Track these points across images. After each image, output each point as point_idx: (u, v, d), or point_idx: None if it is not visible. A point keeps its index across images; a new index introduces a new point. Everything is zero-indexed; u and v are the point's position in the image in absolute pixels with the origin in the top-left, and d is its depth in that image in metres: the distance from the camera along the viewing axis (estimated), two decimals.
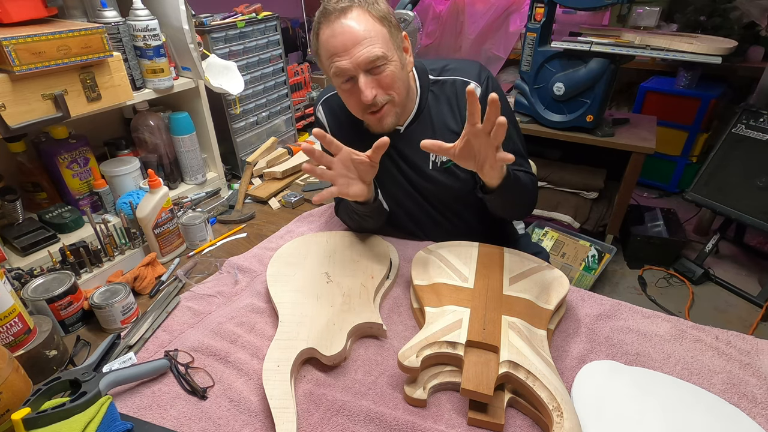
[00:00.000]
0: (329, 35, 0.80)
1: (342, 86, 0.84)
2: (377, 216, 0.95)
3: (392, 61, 0.82)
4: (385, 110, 0.86)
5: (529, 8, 1.83)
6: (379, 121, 0.87)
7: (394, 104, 0.86)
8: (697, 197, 1.95)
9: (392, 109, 0.87)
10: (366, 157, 0.78)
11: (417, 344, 0.65)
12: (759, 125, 1.83)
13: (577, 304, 0.82)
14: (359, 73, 0.80)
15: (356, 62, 0.79)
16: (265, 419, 0.63)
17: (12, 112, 0.89)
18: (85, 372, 0.66)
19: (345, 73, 0.81)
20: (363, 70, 0.80)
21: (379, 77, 0.82)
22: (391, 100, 0.85)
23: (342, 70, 0.80)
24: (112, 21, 1.07)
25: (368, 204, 0.89)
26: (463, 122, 0.93)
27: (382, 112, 0.86)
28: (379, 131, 0.90)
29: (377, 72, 0.81)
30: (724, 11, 2.19)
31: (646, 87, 2.49)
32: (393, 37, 0.83)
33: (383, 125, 0.88)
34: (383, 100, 0.84)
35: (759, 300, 1.84)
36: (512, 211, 0.99)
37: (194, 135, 1.31)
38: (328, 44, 0.80)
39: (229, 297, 0.89)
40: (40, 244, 1.00)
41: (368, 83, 0.81)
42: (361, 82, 0.80)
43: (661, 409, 0.61)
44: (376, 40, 0.79)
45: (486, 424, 0.60)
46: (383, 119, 0.87)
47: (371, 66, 0.80)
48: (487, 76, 0.94)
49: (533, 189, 0.95)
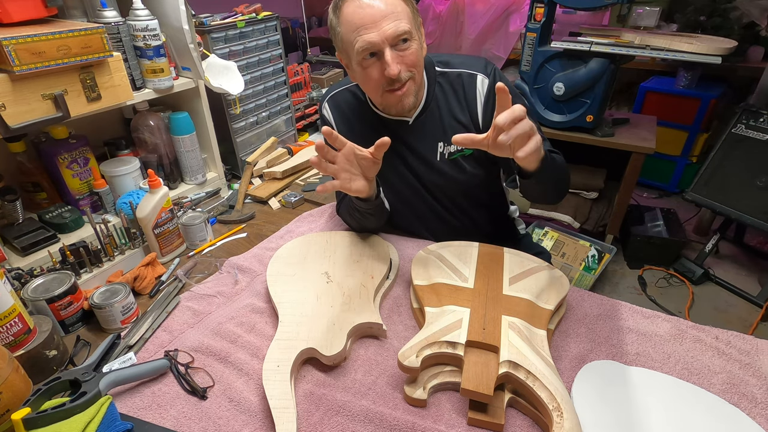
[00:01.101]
0: (355, 9, 0.80)
1: (364, 62, 0.84)
2: (378, 214, 0.95)
3: (415, 39, 0.84)
4: (408, 87, 0.86)
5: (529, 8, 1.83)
6: (400, 99, 0.87)
7: (414, 82, 0.87)
8: (697, 197, 1.95)
9: (413, 87, 0.88)
10: (369, 153, 0.79)
11: (417, 344, 0.65)
12: (759, 125, 1.83)
13: (577, 304, 0.82)
14: (386, 47, 0.81)
15: (384, 35, 0.79)
16: (265, 419, 0.63)
17: (12, 112, 0.89)
18: (85, 372, 0.66)
19: (372, 47, 0.81)
20: (390, 44, 0.81)
21: (404, 54, 0.83)
22: (413, 78, 0.86)
23: (370, 43, 0.80)
24: (112, 21, 1.07)
25: (370, 201, 0.89)
26: (470, 113, 0.94)
27: (404, 89, 0.86)
28: (398, 111, 0.90)
29: (402, 48, 0.82)
30: (724, 11, 2.19)
31: (646, 87, 2.49)
32: (414, 18, 0.84)
33: (404, 104, 0.88)
34: (406, 76, 0.85)
35: (759, 300, 1.84)
36: (552, 193, 0.96)
37: (194, 135, 1.31)
38: (353, 18, 0.81)
39: (229, 297, 0.89)
40: (40, 244, 1.00)
41: (395, 57, 0.82)
42: (388, 56, 0.81)
43: (661, 409, 0.61)
44: (402, 15, 0.81)
45: (486, 424, 0.60)
46: (404, 97, 0.87)
47: (398, 40, 0.81)
48: (493, 68, 0.95)
49: (567, 169, 0.94)
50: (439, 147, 0.96)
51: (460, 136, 0.72)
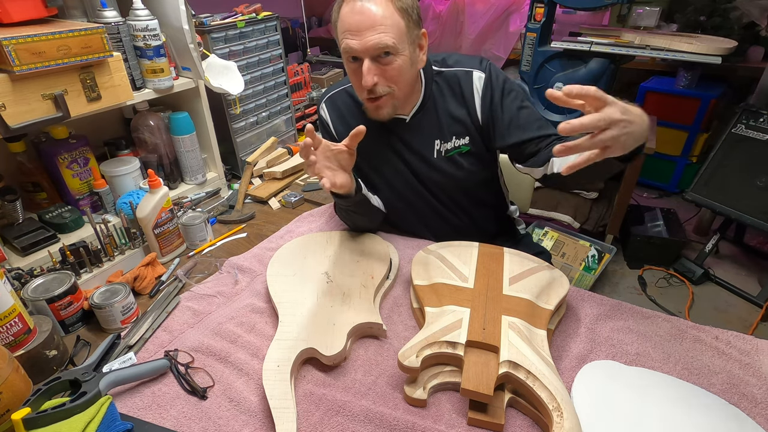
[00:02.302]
0: (348, 11, 0.81)
1: (348, 63, 0.86)
2: (364, 212, 0.96)
3: (402, 54, 0.83)
4: (383, 101, 0.87)
5: (529, 8, 1.83)
6: (376, 110, 0.89)
7: (393, 97, 0.87)
8: (697, 197, 1.95)
9: (390, 101, 0.88)
10: (343, 145, 0.79)
11: (417, 344, 0.65)
12: (759, 125, 1.83)
13: (577, 304, 0.81)
14: (365, 57, 0.81)
15: (365, 46, 0.80)
16: (265, 419, 0.63)
17: (12, 112, 0.89)
18: (85, 372, 0.66)
19: (352, 52, 0.82)
20: (369, 55, 0.81)
21: (385, 68, 0.83)
22: (391, 93, 0.86)
23: (350, 48, 0.81)
24: (112, 21, 1.07)
25: (350, 198, 0.89)
26: (468, 109, 0.94)
27: (379, 102, 0.87)
28: (375, 118, 0.91)
29: (385, 62, 0.82)
30: (724, 11, 2.19)
31: (646, 87, 2.49)
32: (409, 31, 0.83)
33: (379, 114, 0.90)
34: (383, 91, 0.85)
35: (759, 300, 1.84)
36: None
37: (194, 135, 1.31)
38: (345, 19, 0.81)
39: (229, 297, 0.89)
40: (40, 244, 1.00)
41: (371, 69, 0.82)
42: (365, 67, 0.81)
43: (661, 409, 0.61)
44: (390, 29, 0.80)
45: (486, 424, 0.60)
46: (379, 109, 0.88)
47: (378, 53, 0.81)
48: (488, 63, 0.95)
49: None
50: (436, 144, 0.96)
51: (569, 87, 0.60)
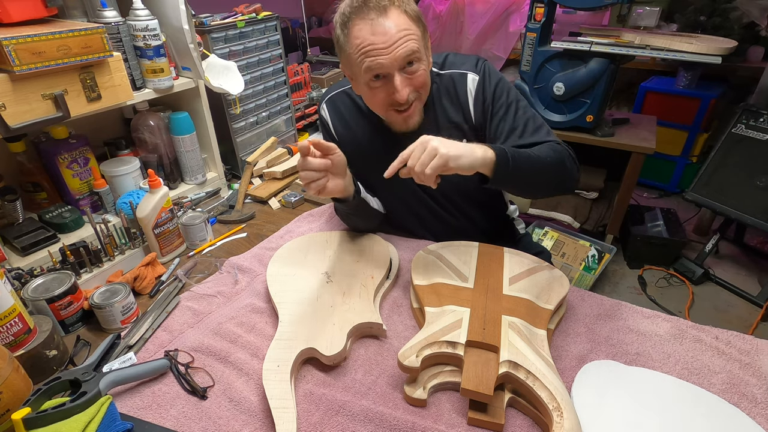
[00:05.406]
0: (367, 32, 0.78)
1: (371, 83, 0.83)
2: (363, 215, 0.96)
3: (424, 60, 0.83)
4: (413, 108, 0.86)
5: (529, 8, 1.83)
6: (405, 120, 0.88)
7: (420, 101, 0.88)
8: (697, 197, 1.95)
9: (419, 107, 0.88)
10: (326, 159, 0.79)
11: (417, 344, 0.65)
12: (759, 125, 1.83)
13: (577, 304, 0.82)
14: (395, 71, 0.80)
15: (394, 58, 0.78)
16: (265, 419, 0.63)
17: (12, 112, 0.89)
18: (85, 372, 0.66)
19: (381, 70, 0.80)
20: (398, 68, 0.80)
21: (411, 77, 0.82)
22: (419, 98, 0.86)
23: (379, 65, 0.79)
24: (112, 21, 1.07)
25: (348, 201, 0.90)
26: (464, 113, 0.94)
27: (410, 110, 0.86)
28: (403, 130, 0.90)
29: (410, 72, 0.81)
30: (724, 11, 2.19)
31: (646, 87, 2.49)
32: (424, 38, 0.83)
33: (409, 124, 0.88)
34: (413, 97, 0.85)
35: (759, 300, 1.84)
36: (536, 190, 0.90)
37: (194, 135, 1.31)
38: (362, 40, 0.79)
39: (229, 297, 0.89)
40: (40, 244, 1.00)
41: (404, 82, 0.81)
42: (397, 81, 0.80)
43: (661, 409, 0.61)
44: (413, 35, 0.79)
45: (486, 424, 0.60)
46: (410, 118, 0.87)
47: (407, 61, 0.80)
48: (483, 64, 0.94)
49: (557, 159, 0.83)
50: None
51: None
